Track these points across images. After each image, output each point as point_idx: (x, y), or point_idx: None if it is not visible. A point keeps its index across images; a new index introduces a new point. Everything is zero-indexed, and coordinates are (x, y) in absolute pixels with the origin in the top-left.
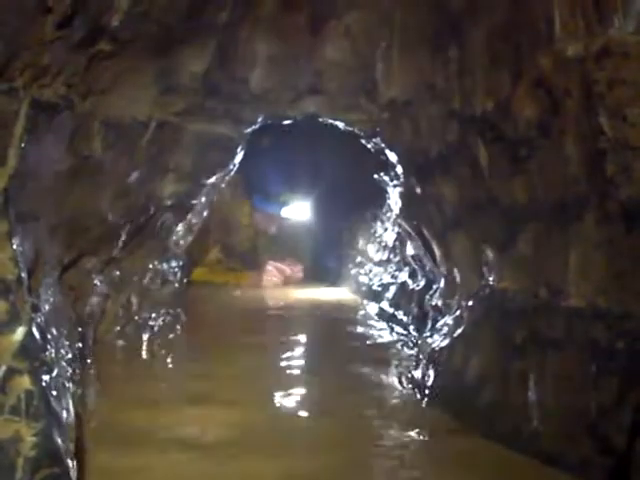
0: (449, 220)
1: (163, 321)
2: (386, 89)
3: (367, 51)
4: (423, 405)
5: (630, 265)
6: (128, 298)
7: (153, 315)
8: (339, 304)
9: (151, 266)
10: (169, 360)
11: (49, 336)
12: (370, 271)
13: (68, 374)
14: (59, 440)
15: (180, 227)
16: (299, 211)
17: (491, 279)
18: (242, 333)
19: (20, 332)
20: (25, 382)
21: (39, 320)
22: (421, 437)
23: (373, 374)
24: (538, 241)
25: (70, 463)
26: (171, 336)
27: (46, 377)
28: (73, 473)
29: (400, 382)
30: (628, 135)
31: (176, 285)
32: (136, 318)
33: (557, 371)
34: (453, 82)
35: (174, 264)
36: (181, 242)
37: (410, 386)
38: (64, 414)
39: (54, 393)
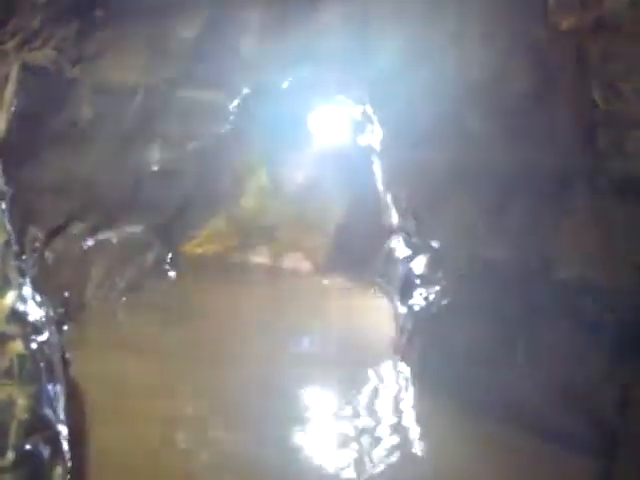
0: (439, 189)
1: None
2: (379, 54)
3: (360, 16)
4: (409, 377)
5: (621, 235)
6: (112, 263)
7: (136, 280)
8: None
9: (134, 231)
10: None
11: (38, 300)
12: None
13: (57, 338)
14: (50, 403)
15: (167, 193)
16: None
17: (481, 248)
18: None
19: (11, 296)
20: (18, 346)
21: (28, 285)
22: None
23: None
24: (530, 211)
25: (60, 427)
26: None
27: (37, 341)
28: (64, 437)
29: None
30: (621, 108)
31: (161, 253)
32: (120, 283)
33: (547, 342)
34: (448, 50)
35: (159, 230)
36: (167, 208)
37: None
38: (54, 378)
39: (45, 357)
